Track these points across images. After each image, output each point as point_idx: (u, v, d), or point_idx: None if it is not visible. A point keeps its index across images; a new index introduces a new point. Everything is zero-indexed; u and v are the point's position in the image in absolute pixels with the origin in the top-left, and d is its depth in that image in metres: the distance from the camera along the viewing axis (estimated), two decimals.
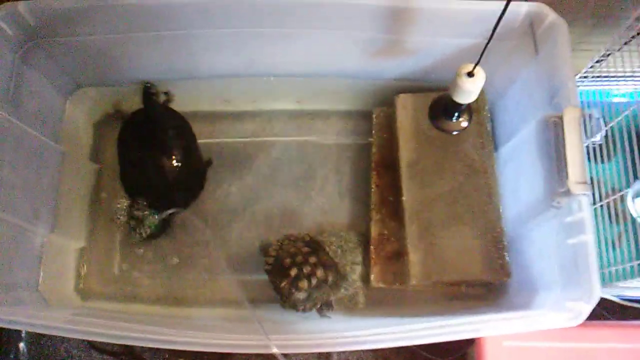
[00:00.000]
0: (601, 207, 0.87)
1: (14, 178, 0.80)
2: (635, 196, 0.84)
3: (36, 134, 0.85)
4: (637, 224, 0.85)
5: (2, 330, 1.02)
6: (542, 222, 0.78)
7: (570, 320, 0.66)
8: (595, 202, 0.87)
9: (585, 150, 0.68)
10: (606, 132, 0.88)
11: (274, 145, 1.05)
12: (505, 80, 0.89)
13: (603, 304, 0.72)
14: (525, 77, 0.83)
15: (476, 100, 0.72)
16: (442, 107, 0.81)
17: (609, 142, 0.88)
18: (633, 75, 0.88)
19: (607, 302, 0.86)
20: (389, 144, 0.98)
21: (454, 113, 0.80)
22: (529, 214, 0.82)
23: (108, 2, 0.76)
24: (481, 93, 0.71)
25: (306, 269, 0.84)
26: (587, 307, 0.65)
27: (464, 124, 0.81)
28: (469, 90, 0.69)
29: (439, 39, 0.84)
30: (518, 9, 0.76)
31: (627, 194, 0.84)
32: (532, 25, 0.78)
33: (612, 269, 0.84)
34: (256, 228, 1.00)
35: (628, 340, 0.85)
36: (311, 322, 0.88)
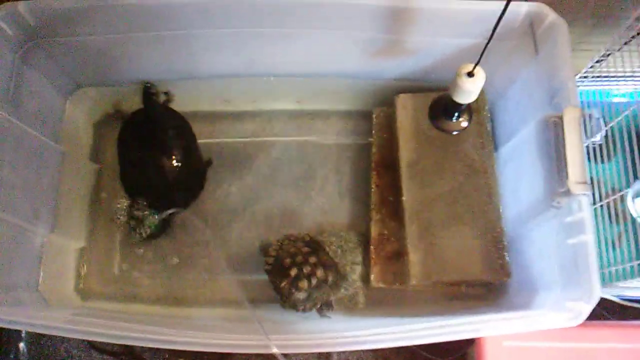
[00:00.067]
0: (601, 207, 0.87)
1: (14, 178, 0.80)
2: (635, 196, 0.84)
3: (36, 134, 0.85)
4: (637, 224, 0.85)
5: (2, 330, 1.02)
6: (542, 222, 0.78)
7: (570, 320, 0.66)
8: (595, 202, 0.87)
9: (585, 150, 0.68)
10: (606, 132, 0.88)
11: (274, 145, 1.05)
12: (505, 80, 0.89)
13: (603, 304, 0.72)
14: (525, 77, 0.83)
15: (476, 100, 0.72)
16: (442, 107, 0.81)
17: (609, 142, 0.88)
18: (633, 75, 0.88)
19: (607, 302, 0.86)
20: (389, 144, 0.98)
21: (454, 113, 0.80)
22: (529, 214, 0.82)
23: (108, 2, 0.76)
24: (481, 93, 0.71)
25: (306, 269, 0.84)
26: (587, 307, 0.65)
27: (464, 124, 0.81)
28: (469, 90, 0.69)
29: (439, 39, 0.84)
30: (518, 9, 0.76)
31: (627, 194, 0.84)
32: (532, 25, 0.78)
33: (612, 269, 0.84)
34: (256, 228, 1.00)
35: (628, 340, 0.85)
36: (311, 322, 0.88)
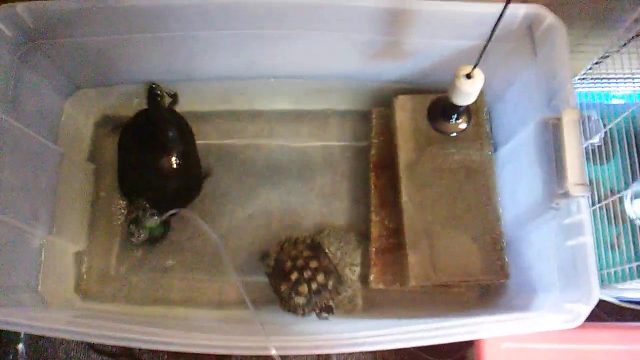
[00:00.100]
0: (600, 208, 0.87)
1: (12, 179, 0.80)
2: (634, 197, 0.84)
3: (35, 135, 0.85)
4: (636, 225, 0.85)
5: (1, 332, 1.02)
6: (541, 224, 0.78)
7: (569, 322, 0.66)
8: (593, 204, 0.87)
9: (584, 151, 0.68)
10: (605, 134, 0.88)
11: (273, 147, 1.04)
12: (504, 82, 0.89)
13: (601, 305, 0.72)
14: (524, 79, 0.83)
15: (475, 102, 0.72)
16: (441, 108, 0.81)
17: (607, 144, 0.88)
18: (631, 77, 0.88)
19: (606, 303, 0.86)
20: (387, 146, 0.98)
21: (453, 115, 0.80)
22: (527, 215, 0.82)
23: (107, 3, 0.76)
24: (480, 95, 0.71)
25: (307, 274, 0.84)
26: (585, 309, 0.66)
27: (463, 125, 0.81)
28: (468, 92, 0.69)
29: (437, 40, 0.84)
30: (516, 11, 0.76)
31: (625, 195, 0.84)
32: (530, 27, 0.78)
33: (611, 271, 0.84)
34: (255, 229, 1.00)
35: (626, 342, 0.85)
36: (310, 324, 0.87)
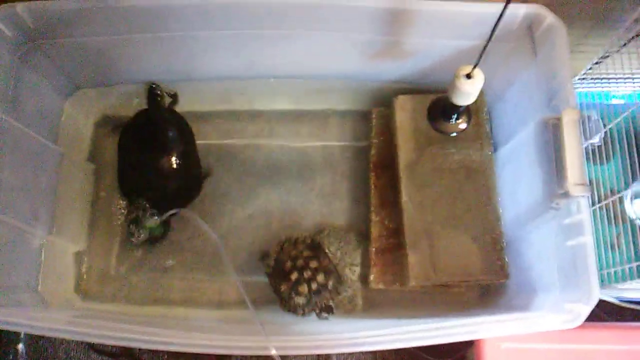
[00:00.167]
0: (600, 208, 0.87)
1: (12, 179, 0.80)
2: (634, 197, 0.84)
3: (35, 135, 0.85)
4: (636, 225, 0.85)
5: (1, 332, 1.02)
6: (541, 224, 0.78)
7: (569, 322, 0.66)
8: (593, 204, 0.87)
9: (584, 151, 0.68)
10: (605, 134, 0.88)
11: (273, 147, 1.04)
12: (504, 82, 0.89)
13: (601, 305, 0.72)
14: (524, 78, 0.83)
15: (475, 102, 0.72)
16: (441, 108, 0.81)
17: (607, 144, 0.88)
18: (631, 77, 0.88)
19: (606, 303, 0.86)
20: (387, 146, 0.98)
21: (453, 115, 0.80)
22: (527, 215, 0.82)
23: (107, 3, 0.76)
24: (480, 95, 0.71)
25: (307, 274, 0.84)
26: (586, 309, 0.66)
27: (463, 125, 0.81)
28: (468, 92, 0.69)
29: (437, 40, 0.84)
30: (516, 11, 0.76)
31: (625, 195, 0.84)
32: (530, 27, 0.78)
33: (611, 271, 0.84)
34: (255, 229, 1.00)
35: (626, 342, 0.85)
36: (310, 324, 0.87)
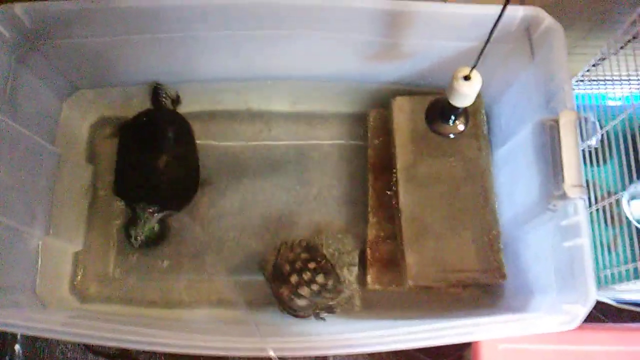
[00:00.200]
0: (597, 210, 0.88)
1: (9, 180, 0.79)
2: (631, 199, 0.84)
3: (32, 136, 0.85)
4: (633, 227, 0.85)
5: None
6: (538, 225, 0.78)
7: (566, 324, 0.67)
8: (590, 205, 0.87)
9: (581, 153, 0.69)
10: (602, 136, 0.88)
11: (271, 148, 1.04)
12: (502, 84, 0.89)
13: (599, 306, 0.72)
14: (522, 80, 0.83)
15: (473, 103, 0.72)
16: (439, 110, 0.81)
17: (604, 146, 0.88)
18: (629, 79, 0.88)
19: (603, 304, 0.86)
20: (385, 147, 0.98)
21: (451, 116, 0.80)
22: (525, 216, 0.82)
23: (105, 4, 0.76)
24: (478, 96, 0.71)
25: (306, 275, 0.83)
26: (583, 310, 0.66)
27: (461, 127, 0.82)
28: (466, 93, 0.69)
29: (435, 42, 0.84)
30: (515, 13, 0.76)
31: (622, 197, 0.84)
32: (528, 29, 0.79)
33: (608, 272, 0.84)
34: (253, 230, 1.00)
35: (624, 343, 0.85)
36: (307, 325, 0.87)
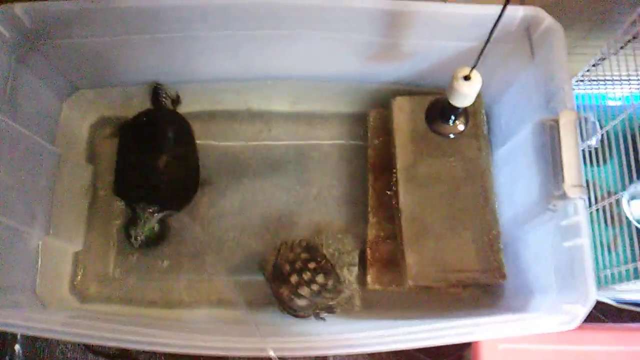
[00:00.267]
0: (597, 210, 0.88)
1: (9, 180, 0.79)
2: (631, 199, 0.84)
3: (32, 136, 0.85)
4: (633, 227, 0.85)
5: None
6: (538, 225, 0.78)
7: (566, 324, 0.67)
8: (591, 205, 0.87)
9: (581, 153, 0.69)
10: (602, 136, 0.88)
11: (271, 148, 1.04)
12: (502, 84, 0.89)
13: (599, 306, 0.72)
14: (522, 80, 0.83)
15: (473, 103, 0.72)
16: (439, 110, 0.81)
17: (604, 146, 0.88)
18: (629, 79, 0.88)
19: (603, 304, 0.86)
20: (385, 147, 0.98)
21: (451, 116, 0.80)
22: (525, 216, 0.82)
23: (104, 4, 0.76)
24: (478, 96, 0.71)
25: (306, 275, 0.83)
26: (583, 310, 0.66)
27: (461, 127, 0.82)
28: (466, 93, 0.69)
29: (436, 42, 0.84)
30: (515, 13, 0.76)
31: (622, 197, 0.84)
32: (528, 29, 0.79)
33: (608, 272, 0.84)
34: (253, 230, 1.00)
35: (624, 343, 0.85)
36: (307, 325, 0.87)
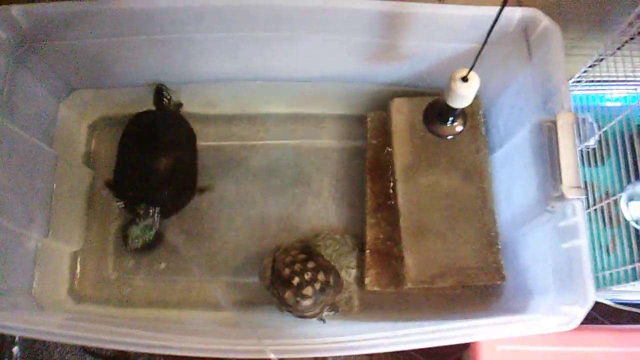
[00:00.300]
0: (595, 211, 0.88)
1: (7, 182, 0.79)
2: (629, 200, 0.85)
3: (30, 138, 0.85)
4: (631, 227, 0.85)
5: None
6: (536, 226, 0.78)
7: (565, 325, 0.66)
8: (589, 206, 0.87)
9: (579, 154, 0.69)
10: (600, 137, 0.88)
11: (269, 150, 1.04)
12: (500, 85, 0.89)
13: (597, 307, 0.72)
14: (520, 81, 0.83)
15: (470, 104, 0.72)
16: (437, 111, 0.81)
17: (602, 146, 0.88)
18: (626, 80, 0.88)
19: (602, 305, 0.86)
20: (383, 148, 0.98)
21: (449, 117, 0.80)
22: (523, 217, 0.82)
23: (99, 7, 0.75)
24: (476, 97, 0.71)
25: (307, 275, 0.83)
26: (581, 312, 0.66)
27: (459, 128, 0.82)
28: (464, 94, 0.69)
29: (434, 43, 0.84)
30: (512, 14, 0.76)
31: (620, 197, 0.84)
32: (526, 30, 0.79)
33: (606, 273, 0.84)
34: (251, 232, 1.00)
35: (622, 344, 0.85)
36: (306, 326, 0.87)
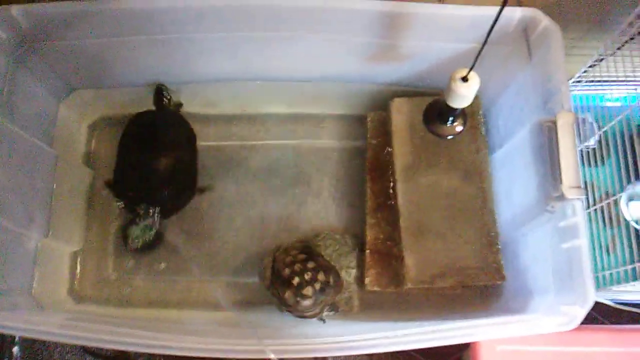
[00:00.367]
0: (595, 211, 0.88)
1: (7, 182, 0.79)
2: (629, 200, 0.85)
3: (29, 138, 0.85)
4: (631, 227, 0.85)
5: None
6: (537, 226, 0.78)
7: (565, 325, 0.66)
8: (589, 206, 0.87)
9: (579, 154, 0.69)
10: (600, 136, 0.88)
11: (269, 150, 1.04)
12: (500, 85, 0.89)
13: (597, 307, 0.72)
14: (520, 81, 0.83)
15: (470, 104, 0.72)
16: (437, 111, 0.81)
17: (602, 146, 0.88)
18: (626, 80, 0.88)
19: (602, 305, 0.86)
20: (383, 148, 0.98)
21: (449, 117, 0.80)
22: (523, 217, 0.82)
23: (99, 7, 0.75)
24: (475, 97, 0.71)
25: (307, 275, 0.83)
26: (581, 312, 0.66)
27: (459, 128, 0.82)
28: (464, 94, 0.69)
29: (434, 43, 0.84)
30: (512, 14, 0.76)
31: (620, 197, 0.84)
32: (526, 30, 0.79)
33: (606, 273, 0.84)
34: (251, 232, 1.00)
35: (622, 344, 0.85)
36: (306, 327, 0.87)
